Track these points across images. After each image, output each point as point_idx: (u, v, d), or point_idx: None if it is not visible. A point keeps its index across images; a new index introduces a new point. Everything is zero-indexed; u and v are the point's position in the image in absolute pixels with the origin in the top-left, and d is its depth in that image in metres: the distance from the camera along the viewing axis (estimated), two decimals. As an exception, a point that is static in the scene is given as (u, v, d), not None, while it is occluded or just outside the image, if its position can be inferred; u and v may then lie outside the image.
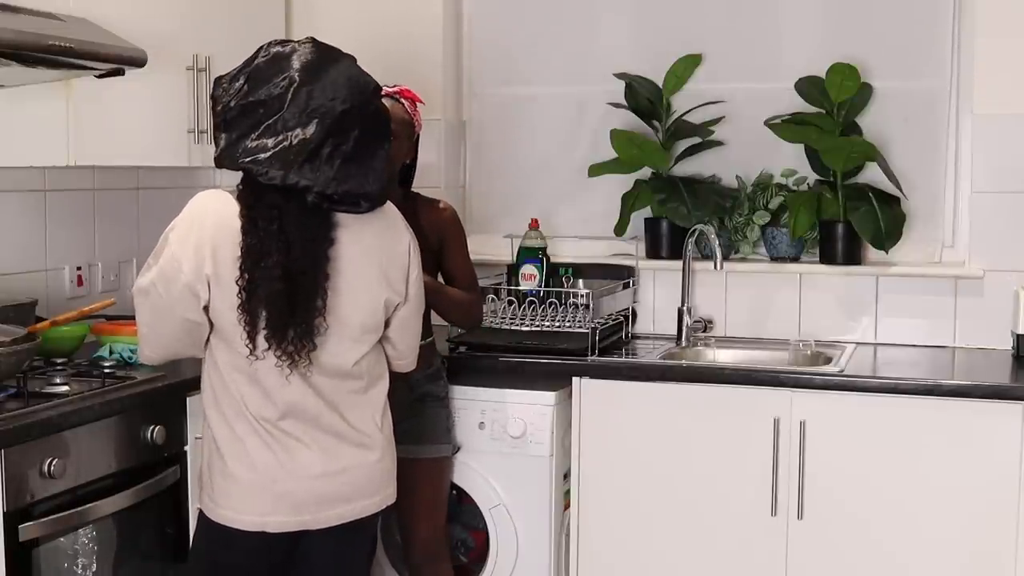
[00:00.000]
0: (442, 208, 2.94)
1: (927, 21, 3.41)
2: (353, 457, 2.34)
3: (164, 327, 2.28)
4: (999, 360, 3.16)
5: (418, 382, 2.85)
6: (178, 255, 2.21)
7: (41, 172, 3.17)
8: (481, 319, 3.07)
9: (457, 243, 2.94)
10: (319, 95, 2.18)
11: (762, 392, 2.94)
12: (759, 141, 3.51)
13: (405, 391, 2.78)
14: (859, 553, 2.89)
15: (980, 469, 2.79)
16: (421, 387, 2.88)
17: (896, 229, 3.27)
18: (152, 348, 2.34)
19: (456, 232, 2.94)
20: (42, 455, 2.35)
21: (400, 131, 2.73)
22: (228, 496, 2.29)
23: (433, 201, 2.95)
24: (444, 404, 2.97)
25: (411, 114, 2.83)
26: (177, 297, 2.22)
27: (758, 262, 3.53)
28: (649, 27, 3.66)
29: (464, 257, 2.96)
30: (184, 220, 2.26)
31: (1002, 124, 3.26)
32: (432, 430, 2.91)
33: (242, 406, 2.27)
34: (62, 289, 3.25)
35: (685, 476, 3.01)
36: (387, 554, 3.18)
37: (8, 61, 2.44)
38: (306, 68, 2.20)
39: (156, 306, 2.26)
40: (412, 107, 2.84)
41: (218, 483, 2.31)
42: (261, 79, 2.21)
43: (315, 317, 2.23)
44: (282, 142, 2.16)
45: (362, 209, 2.27)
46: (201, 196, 2.30)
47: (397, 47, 3.74)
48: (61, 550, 2.47)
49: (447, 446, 2.96)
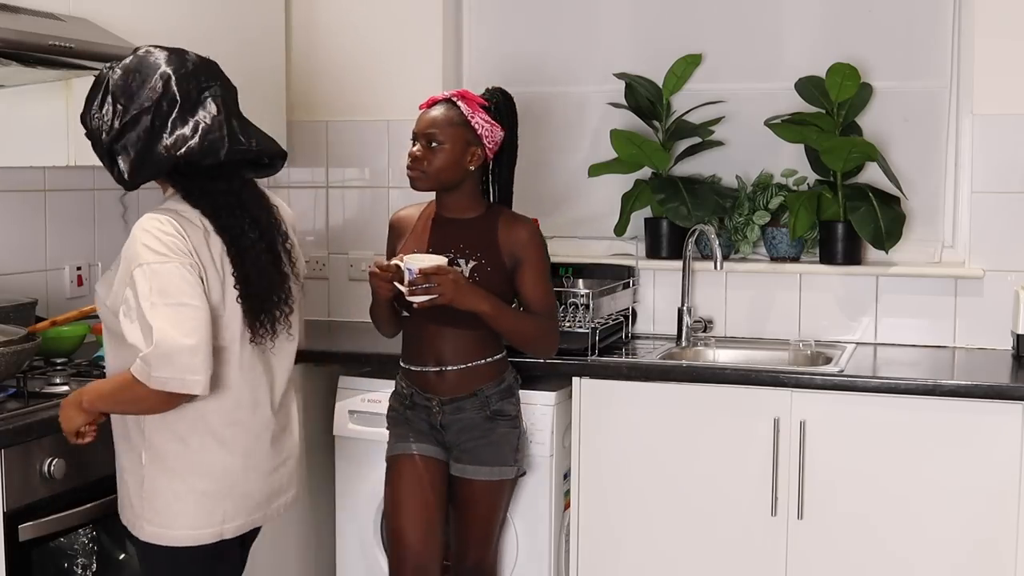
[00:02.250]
0: (523, 226, 2.76)
1: (927, 21, 3.41)
2: (291, 446, 2.39)
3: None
4: (999, 360, 3.16)
5: (491, 399, 2.76)
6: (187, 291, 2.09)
7: (41, 172, 3.18)
8: (555, 349, 2.85)
9: (533, 264, 2.74)
10: (196, 79, 2.19)
11: (762, 392, 2.94)
12: (759, 141, 3.51)
13: (478, 408, 2.75)
14: (859, 553, 2.89)
15: (980, 469, 2.79)
16: (494, 404, 2.77)
17: (896, 229, 3.27)
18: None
19: (534, 252, 2.75)
20: (42, 455, 2.35)
21: (452, 136, 2.66)
22: (182, 515, 2.20)
23: (516, 218, 2.78)
24: (515, 424, 2.82)
25: (468, 118, 2.68)
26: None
27: (758, 262, 3.52)
28: (649, 27, 3.66)
29: (541, 281, 2.76)
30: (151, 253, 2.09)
31: (1002, 124, 3.26)
32: (498, 451, 2.78)
33: (199, 415, 2.18)
34: (62, 289, 3.26)
35: (685, 476, 3.01)
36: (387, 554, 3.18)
37: (8, 61, 2.44)
38: (167, 62, 2.18)
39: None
40: (471, 110, 2.70)
41: (167, 504, 2.20)
42: (128, 92, 2.16)
43: (287, 282, 2.30)
44: (199, 126, 2.16)
45: (277, 169, 2.34)
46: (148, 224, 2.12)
47: (397, 47, 3.75)
48: (61, 550, 2.47)
49: (511, 468, 2.82)
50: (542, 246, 2.78)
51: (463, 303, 2.60)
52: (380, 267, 2.63)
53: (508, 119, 2.79)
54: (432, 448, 2.78)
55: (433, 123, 2.68)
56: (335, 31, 3.79)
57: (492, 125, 2.72)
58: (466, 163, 2.69)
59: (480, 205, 2.77)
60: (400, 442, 2.80)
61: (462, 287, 2.59)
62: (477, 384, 2.74)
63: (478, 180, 2.77)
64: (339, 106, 3.82)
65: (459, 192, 2.74)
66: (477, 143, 2.70)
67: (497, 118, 2.75)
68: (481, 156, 2.71)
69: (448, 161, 2.67)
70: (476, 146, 2.70)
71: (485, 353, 2.76)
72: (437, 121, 2.67)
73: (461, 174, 2.70)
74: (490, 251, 2.72)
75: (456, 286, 2.58)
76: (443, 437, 2.77)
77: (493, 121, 2.73)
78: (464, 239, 2.73)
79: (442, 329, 2.72)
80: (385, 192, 3.81)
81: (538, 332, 2.76)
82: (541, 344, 2.80)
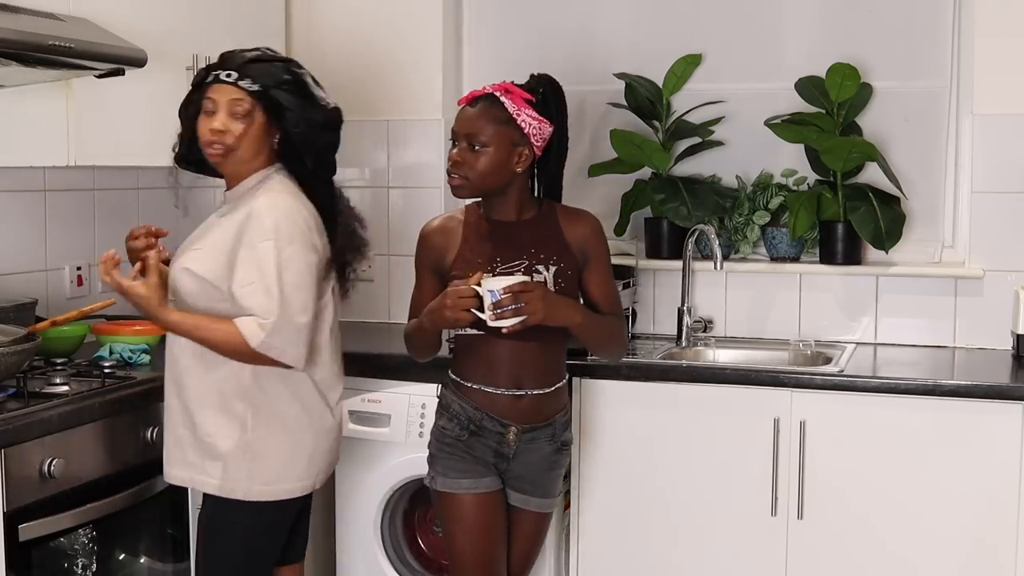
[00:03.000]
0: (585, 219, 2.58)
1: (927, 21, 3.41)
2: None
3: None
4: (999, 360, 3.16)
5: (559, 429, 2.60)
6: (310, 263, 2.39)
7: (41, 172, 3.18)
8: (626, 349, 2.72)
9: (601, 260, 2.57)
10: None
11: (762, 392, 2.94)
12: (759, 141, 3.51)
13: (549, 439, 2.58)
14: (859, 553, 2.89)
15: (980, 469, 2.79)
16: (561, 435, 2.61)
17: (896, 229, 3.27)
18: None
19: (600, 246, 2.57)
20: (42, 455, 2.35)
21: (496, 137, 2.45)
22: (290, 470, 2.44)
23: (577, 212, 2.59)
24: (568, 453, 2.68)
25: (513, 115, 2.46)
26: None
27: (758, 262, 3.52)
28: (649, 27, 3.66)
29: (609, 276, 2.60)
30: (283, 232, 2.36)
31: (1002, 124, 3.26)
32: (557, 482, 2.66)
33: (309, 379, 2.45)
34: (62, 289, 3.26)
35: (685, 476, 3.01)
36: (386, 554, 3.18)
37: (8, 61, 2.44)
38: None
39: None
40: (517, 106, 2.48)
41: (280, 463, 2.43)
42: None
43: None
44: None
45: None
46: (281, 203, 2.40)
47: (397, 47, 3.75)
48: (61, 550, 2.47)
49: (555, 500, 2.68)
50: (605, 239, 2.61)
51: (556, 319, 2.41)
52: (458, 294, 2.38)
53: (556, 110, 2.55)
54: (494, 481, 2.56)
55: (475, 122, 2.46)
56: (335, 31, 3.79)
57: (540, 122, 2.49)
58: (513, 165, 2.48)
59: (533, 203, 2.57)
60: (462, 477, 2.54)
61: (551, 302, 2.40)
62: (551, 412, 2.56)
63: (527, 177, 2.56)
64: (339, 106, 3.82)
65: (511, 193, 2.53)
66: (524, 143, 2.47)
67: (545, 111, 2.52)
68: (529, 156, 2.49)
69: (492, 165, 2.46)
70: (523, 146, 2.48)
71: (559, 377, 2.60)
72: (479, 120, 2.46)
73: (507, 177, 2.49)
74: (564, 252, 2.53)
75: (545, 302, 2.37)
76: (506, 466, 2.56)
77: (540, 117, 2.50)
78: (534, 242, 2.52)
79: (523, 348, 2.49)
80: (385, 192, 3.81)
81: (617, 334, 2.61)
82: (617, 347, 2.66)
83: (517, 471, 2.57)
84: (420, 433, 3.06)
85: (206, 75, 2.44)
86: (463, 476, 2.53)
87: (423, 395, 3.08)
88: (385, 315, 3.81)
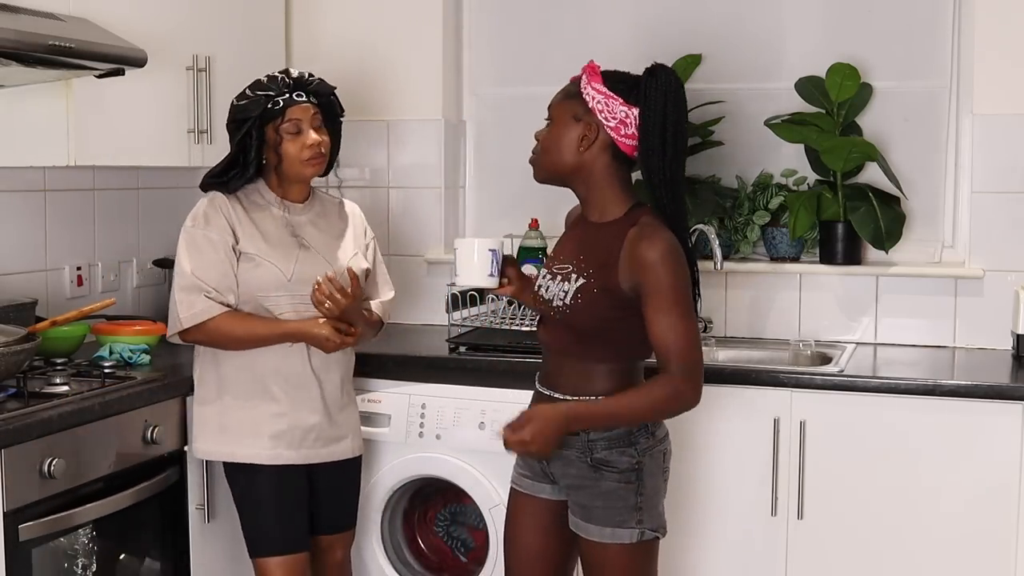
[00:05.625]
0: (650, 243, 2.18)
1: (927, 21, 3.41)
2: None
3: None
4: (999, 360, 3.16)
5: (594, 445, 2.29)
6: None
7: (41, 172, 3.17)
8: (694, 402, 2.25)
9: (656, 295, 2.17)
10: None
11: (762, 392, 2.94)
12: (759, 141, 3.51)
13: (579, 452, 2.30)
14: (859, 553, 2.89)
15: (980, 469, 2.79)
16: (597, 452, 2.29)
17: (896, 229, 3.27)
18: None
19: (657, 279, 2.17)
20: (42, 455, 2.35)
21: (560, 110, 2.30)
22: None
23: (652, 231, 2.20)
24: (628, 479, 2.29)
25: (580, 88, 2.26)
26: None
27: (758, 262, 3.52)
28: (649, 27, 3.65)
29: (664, 315, 2.17)
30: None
31: (1002, 124, 3.26)
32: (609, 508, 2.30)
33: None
34: (62, 289, 3.25)
35: (684, 476, 3.00)
36: (386, 554, 3.18)
37: (8, 61, 2.44)
38: None
39: None
40: (588, 79, 2.27)
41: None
42: None
43: None
44: None
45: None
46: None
47: (397, 47, 3.75)
48: (61, 550, 2.47)
49: (628, 531, 2.29)
50: (673, 272, 2.17)
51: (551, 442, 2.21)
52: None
53: (648, 95, 2.22)
54: (544, 487, 2.42)
55: (554, 97, 2.33)
56: (335, 30, 3.79)
57: (610, 98, 2.22)
58: (576, 143, 2.25)
59: (621, 207, 2.29)
60: (521, 474, 2.47)
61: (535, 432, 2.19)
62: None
63: (613, 172, 2.28)
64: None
65: (587, 187, 2.30)
66: (587, 117, 2.24)
67: (636, 97, 2.23)
68: (596, 137, 2.24)
69: (552, 139, 2.28)
70: (586, 120, 2.24)
71: (600, 390, 2.29)
72: (557, 94, 2.31)
73: (571, 158, 2.27)
74: (605, 270, 2.24)
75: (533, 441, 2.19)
76: (551, 474, 2.39)
77: (615, 94, 2.22)
78: (588, 250, 2.30)
79: (554, 353, 2.39)
80: (385, 192, 3.81)
81: (655, 405, 2.22)
82: (666, 414, 2.30)
83: (561, 483, 2.37)
84: (420, 433, 3.06)
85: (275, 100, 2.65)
86: (522, 474, 2.48)
87: (423, 395, 3.08)
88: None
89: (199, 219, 2.64)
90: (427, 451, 3.07)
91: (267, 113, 2.62)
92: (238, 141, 2.64)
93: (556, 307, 2.33)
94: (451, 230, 3.81)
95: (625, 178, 2.32)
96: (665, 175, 2.24)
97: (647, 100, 2.22)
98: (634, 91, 2.24)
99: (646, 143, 2.23)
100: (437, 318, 3.61)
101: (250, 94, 2.65)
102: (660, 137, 2.22)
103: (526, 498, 2.46)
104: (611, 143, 2.25)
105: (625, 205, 2.30)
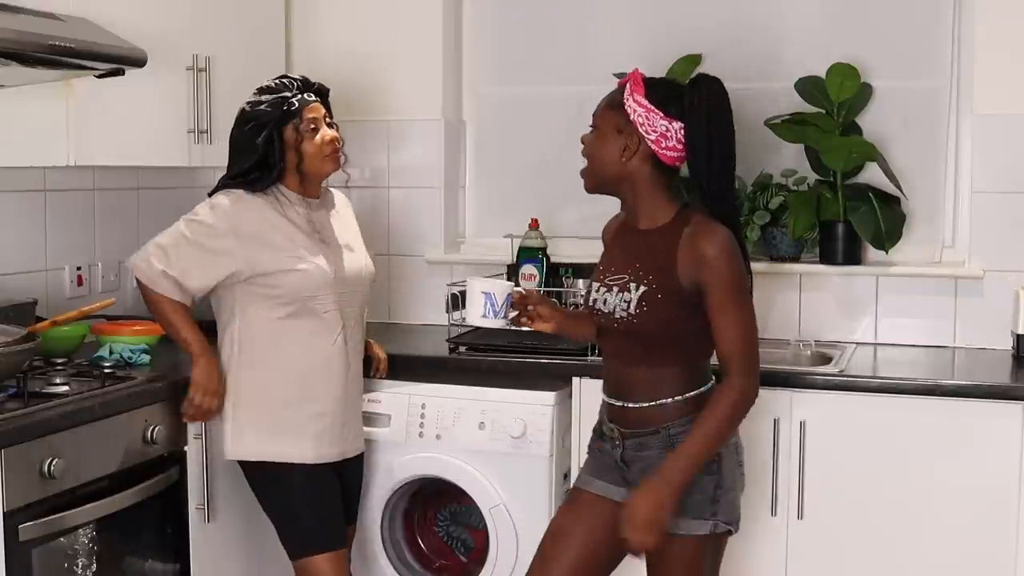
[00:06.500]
0: (708, 239, 2.24)
1: (927, 21, 3.41)
2: None
3: None
4: (999, 360, 3.16)
5: (676, 437, 2.31)
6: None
7: (41, 172, 3.18)
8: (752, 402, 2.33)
9: (717, 290, 2.24)
10: None
11: (762, 392, 2.91)
12: (759, 141, 3.50)
13: (661, 446, 2.33)
14: (859, 553, 2.89)
15: (980, 469, 2.79)
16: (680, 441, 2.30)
17: (896, 229, 3.27)
18: None
19: (718, 273, 2.23)
20: (42, 455, 2.35)
21: (602, 120, 2.35)
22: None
23: (708, 228, 2.26)
24: (709, 469, 2.30)
25: (623, 99, 2.31)
26: None
27: (758, 262, 3.52)
28: (649, 27, 3.65)
29: (726, 313, 2.25)
30: None
31: (1002, 124, 3.26)
32: (685, 498, 2.29)
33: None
34: (62, 289, 3.26)
35: (685, 476, 3.00)
36: (386, 554, 3.18)
37: (8, 61, 2.44)
38: None
39: None
40: (631, 91, 2.31)
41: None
42: None
43: None
44: None
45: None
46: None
47: (397, 47, 3.75)
48: (61, 550, 2.47)
49: (702, 522, 2.32)
50: (732, 266, 2.25)
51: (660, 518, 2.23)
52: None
53: (699, 112, 2.28)
54: (615, 489, 2.42)
55: (600, 104, 2.38)
56: (335, 30, 3.79)
57: (650, 111, 2.27)
58: (619, 154, 2.30)
59: (669, 211, 2.34)
60: (583, 474, 2.52)
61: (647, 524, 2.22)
62: (662, 421, 2.32)
63: (657, 180, 2.33)
64: (339, 106, 3.77)
65: (635, 195, 2.35)
66: (629, 130, 2.29)
67: (678, 110, 2.29)
68: (638, 149, 2.29)
69: (595, 148, 2.34)
70: (628, 133, 2.29)
71: (673, 392, 2.33)
72: (602, 102, 2.36)
73: (614, 168, 2.32)
74: (664, 273, 2.28)
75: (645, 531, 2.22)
76: (626, 474, 2.40)
77: (656, 108, 2.28)
78: (642, 257, 2.33)
79: (620, 363, 2.40)
80: (385, 192, 3.81)
81: (725, 420, 2.27)
82: (740, 419, 2.32)
83: (633, 480, 2.36)
84: (420, 433, 3.06)
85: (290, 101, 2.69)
86: (582, 473, 2.53)
87: (423, 395, 3.08)
88: (385, 315, 3.81)
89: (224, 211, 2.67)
90: (427, 451, 3.08)
91: (286, 114, 2.67)
92: (262, 143, 2.66)
93: (619, 318, 2.34)
94: (451, 230, 3.81)
95: (670, 184, 2.37)
96: (712, 184, 2.31)
97: (690, 114, 2.29)
98: (676, 104, 2.30)
99: (693, 155, 2.30)
100: (437, 318, 3.61)
101: (266, 97, 2.68)
102: (706, 149, 2.29)
103: (593, 496, 2.46)
104: (652, 154, 2.31)
105: (672, 209, 2.35)
